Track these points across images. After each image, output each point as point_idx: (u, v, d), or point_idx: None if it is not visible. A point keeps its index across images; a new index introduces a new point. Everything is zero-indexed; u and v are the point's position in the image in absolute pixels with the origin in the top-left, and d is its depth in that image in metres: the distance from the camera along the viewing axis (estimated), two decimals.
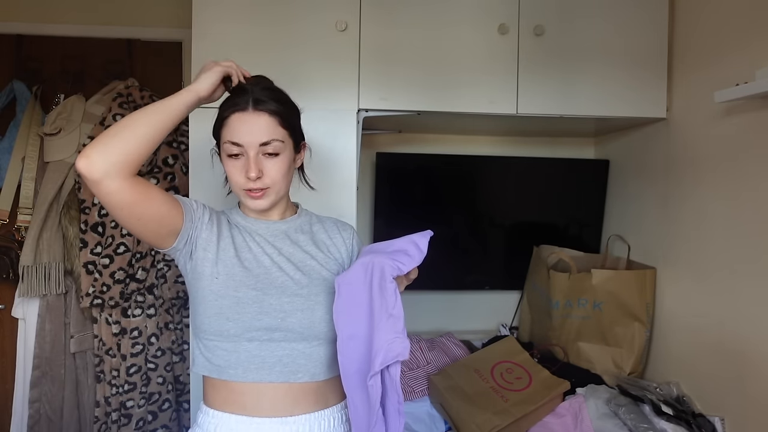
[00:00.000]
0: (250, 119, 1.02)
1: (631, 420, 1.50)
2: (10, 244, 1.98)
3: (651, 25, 1.72)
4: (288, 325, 1.03)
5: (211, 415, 1.04)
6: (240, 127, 1.02)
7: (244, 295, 1.02)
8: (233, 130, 1.02)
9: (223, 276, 1.03)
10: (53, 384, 1.96)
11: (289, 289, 1.05)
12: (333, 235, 1.17)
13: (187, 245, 1.04)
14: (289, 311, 1.03)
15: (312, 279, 1.07)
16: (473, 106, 1.68)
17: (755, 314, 1.39)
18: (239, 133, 1.02)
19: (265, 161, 1.03)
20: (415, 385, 1.74)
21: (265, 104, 1.03)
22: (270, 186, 1.05)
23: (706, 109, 1.58)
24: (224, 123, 1.04)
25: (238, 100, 1.03)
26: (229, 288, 1.02)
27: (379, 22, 1.63)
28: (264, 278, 1.04)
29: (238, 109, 1.02)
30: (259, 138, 1.02)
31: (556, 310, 1.87)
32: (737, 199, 1.46)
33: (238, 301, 1.01)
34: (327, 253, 1.14)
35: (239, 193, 1.06)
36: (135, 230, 0.99)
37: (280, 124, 1.04)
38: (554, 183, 2.18)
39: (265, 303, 1.02)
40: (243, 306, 1.01)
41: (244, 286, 1.03)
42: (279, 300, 1.03)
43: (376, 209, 2.10)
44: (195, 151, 1.57)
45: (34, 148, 1.95)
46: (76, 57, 2.06)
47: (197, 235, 1.05)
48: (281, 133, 1.04)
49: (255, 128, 1.02)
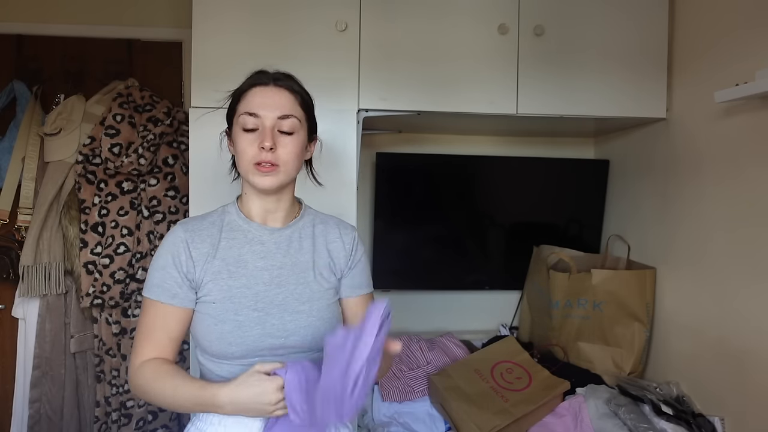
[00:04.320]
0: (270, 92, 1.01)
1: (631, 420, 1.50)
2: (10, 244, 1.98)
3: (651, 25, 1.72)
4: (291, 342, 1.01)
5: (209, 420, 1.02)
6: (259, 99, 1.00)
7: (246, 318, 0.99)
8: (251, 102, 1.00)
9: (221, 299, 0.99)
10: (53, 384, 1.95)
11: (290, 306, 1.02)
12: (333, 239, 1.12)
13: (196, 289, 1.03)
14: (291, 330, 1.01)
15: (313, 292, 1.05)
16: (473, 106, 1.68)
17: (755, 314, 1.39)
18: (258, 104, 1.00)
19: (279, 138, 1.00)
20: (415, 385, 1.74)
21: (286, 82, 1.03)
22: (281, 165, 1.01)
23: (706, 109, 1.58)
24: (242, 97, 1.02)
25: (258, 78, 1.03)
26: (229, 311, 0.99)
27: (379, 23, 1.64)
28: (264, 296, 1.01)
29: (259, 84, 1.02)
30: (278, 111, 1.00)
31: (556, 310, 1.87)
32: (737, 198, 1.46)
33: (239, 325, 0.98)
34: (327, 259, 1.10)
35: (248, 169, 1.00)
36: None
37: (299, 104, 1.03)
38: (554, 183, 2.18)
39: (268, 324, 1.00)
40: (245, 330, 0.99)
41: (245, 308, 0.99)
42: (281, 319, 1.01)
43: (376, 209, 2.10)
44: (195, 151, 1.57)
45: (35, 148, 1.95)
46: (76, 57, 2.06)
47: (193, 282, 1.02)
48: (299, 113, 1.03)
49: (274, 100, 1.00)
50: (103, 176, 1.93)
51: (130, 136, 1.90)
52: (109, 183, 1.93)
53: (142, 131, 1.92)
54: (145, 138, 1.90)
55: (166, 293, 0.99)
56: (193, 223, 1.05)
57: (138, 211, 1.95)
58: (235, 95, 1.05)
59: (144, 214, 1.95)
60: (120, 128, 1.89)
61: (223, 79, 1.54)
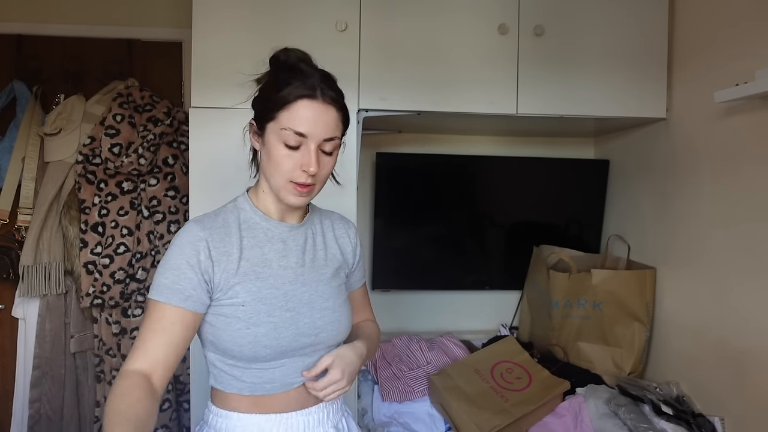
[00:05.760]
0: (318, 109, 0.92)
1: (631, 420, 1.50)
2: (10, 244, 1.98)
3: (651, 25, 1.72)
4: (320, 339, 1.01)
5: (235, 419, 0.99)
6: (308, 116, 0.91)
7: (279, 319, 0.96)
8: (299, 117, 0.91)
9: (250, 301, 0.95)
10: (53, 384, 1.95)
11: (316, 303, 1.01)
12: (341, 234, 1.12)
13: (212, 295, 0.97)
14: (321, 327, 1.01)
15: (332, 289, 1.05)
16: (473, 106, 1.68)
17: (755, 314, 1.39)
18: (306, 123, 0.91)
19: (320, 157, 0.94)
20: (415, 385, 1.74)
21: (333, 94, 0.94)
22: (316, 184, 0.96)
23: (706, 109, 1.58)
24: (287, 107, 0.92)
25: (305, 83, 0.92)
26: (261, 313, 0.95)
27: (379, 23, 1.64)
28: (292, 296, 0.99)
29: (307, 96, 0.92)
30: (325, 133, 0.93)
31: (556, 310, 1.87)
32: (737, 198, 1.46)
33: (275, 327, 0.95)
34: (339, 256, 1.10)
35: (281, 183, 0.94)
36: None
37: (342, 121, 0.97)
38: (554, 183, 2.18)
39: (300, 323, 0.98)
40: (280, 331, 0.96)
41: (278, 309, 0.96)
42: (312, 317, 1.00)
43: (376, 209, 2.10)
44: (195, 151, 1.56)
45: (35, 148, 1.95)
46: (76, 57, 2.06)
47: (209, 284, 0.95)
48: (341, 132, 0.97)
49: (323, 120, 0.92)
50: (103, 176, 1.93)
51: (130, 136, 1.90)
52: (109, 183, 1.93)
53: (142, 131, 1.92)
54: (145, 138, 1.90)
55: (179, 295, 0.91)
56: (208, 220, 0.98)
57: (138, 211, 1.95)
58: (278, 101, 0.93)
59: (144, 214, 1.95)
60: (120, 128, 1.89)
61: (223, 78, 1.56)
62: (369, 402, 1.75)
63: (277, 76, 0.96)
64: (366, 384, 1.82)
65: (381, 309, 2.16)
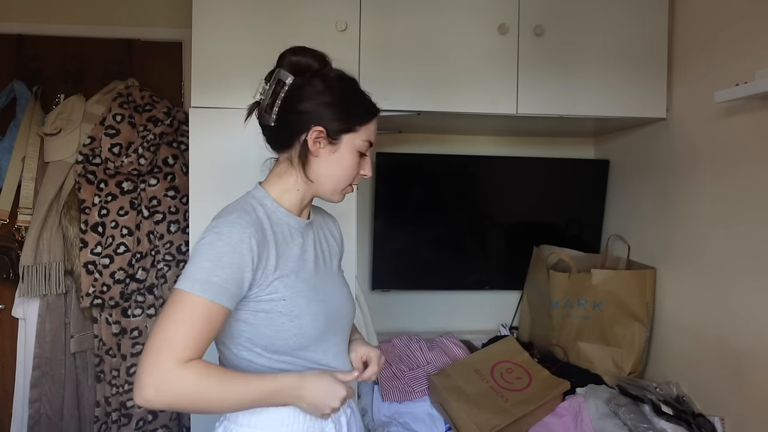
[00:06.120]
0: (375, 124, 1.08)
1: (631, 420, 1.50)
2: (10, 244, 1.98)
3: (651, 25, 1.72)
4: (346, 323, 1.12)
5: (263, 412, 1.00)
6: (375, 130, 1.08)
7: (317, 309, 1.02)
8: (373, 131, 1.07)
9: (290, 296, 0.98)
10: (53, 384, 1.95)
11: (337, 292, 1.10)
12: (332, 227, 1.22)
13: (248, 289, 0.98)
14: (343, 315, 1.10)
15: (340, 277, 1.16)
16: (473, 106, 1.68)
17: (755, 314, 1.39)
18: (374, 135, 1.07)
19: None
20: (415, 385, 1.74)
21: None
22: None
23: (706, 109, 1.58)
24: (367, 123, 1.05)
25: (374, 105, 1.08)
26: (302, 306, 1.00)
27: (379, 22, 1.64)
28: (320, 288, 1.05)
29: (376, 114, 1.07)
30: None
31: (556, 310, 1.87)
32: (737, 198, 1.46)
33: (315, 318, 1.01)
34: (336, 248, 1.19)
35: (342, 186, 1.07)
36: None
37: None
38: (554, 183, 2.18)
39: (331, 312, 1.05)
40: (319, 319, 1.02)
41: (314, 301, 1.02)
42: (339, 306, 1.09)
43: (376, 209, 2.10)
44: (195, 150, 1.56)
45: (35, 148, 1.95)
46: (76, 57, 2.06)
47: (249, 282, 0.95)
48: None
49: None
50: (103, 176, 1.93)
51: (130, 136, 1.90)
52: (109, 183, 1.93)
53: (142, 131, 1.92)
54: (145, 138, 1.90)
55: (226, 293, 0.90)
56: (248, 216, 0.97)
57: (138, 211, 1.95)
58: (364, 116, 1.05)
59: (144, 214, 1.95)
60: (120, 128, 1.89)
61: (223, 78, 1.56)
62: (369, 402, 1.75)
63: (352, 91, 1.06)
64: (366, 384, 1.81)
65: (381, 309, 2.17)
